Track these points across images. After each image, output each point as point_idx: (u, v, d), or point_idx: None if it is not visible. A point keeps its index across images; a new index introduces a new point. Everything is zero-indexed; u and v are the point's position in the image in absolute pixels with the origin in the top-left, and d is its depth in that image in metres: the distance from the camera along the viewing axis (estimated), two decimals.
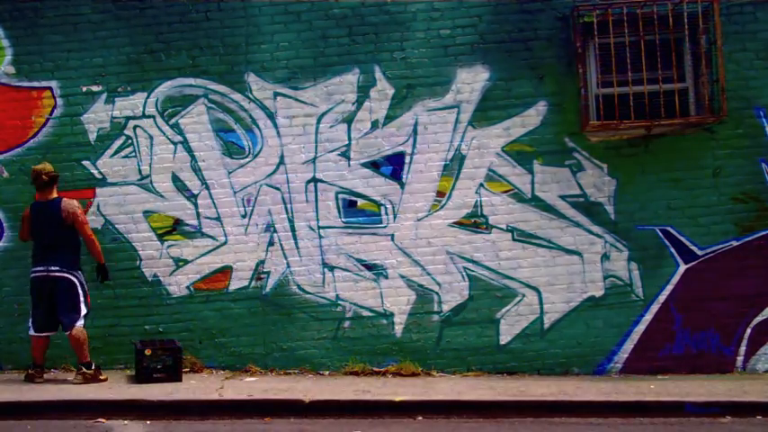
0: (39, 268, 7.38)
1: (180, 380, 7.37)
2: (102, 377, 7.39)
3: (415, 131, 8.07)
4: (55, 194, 7.50)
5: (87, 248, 7.52)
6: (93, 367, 7.38)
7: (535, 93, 8.03)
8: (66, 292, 7.33)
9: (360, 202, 8.09)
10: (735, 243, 7.91)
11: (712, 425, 6.48)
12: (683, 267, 7.94)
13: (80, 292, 7.38)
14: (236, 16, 8.18)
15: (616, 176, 7.98)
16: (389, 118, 8.09)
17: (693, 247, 7.92)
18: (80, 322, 7.35)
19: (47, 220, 7.40)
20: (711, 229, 7.93)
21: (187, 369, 7.79)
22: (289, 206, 8.10)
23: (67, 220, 7.36)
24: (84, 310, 7.39)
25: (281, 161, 8.11)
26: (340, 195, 8.10)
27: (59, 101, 8.21)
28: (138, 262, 8.12)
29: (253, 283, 8.08)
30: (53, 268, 7.32)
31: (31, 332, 7.45)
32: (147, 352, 7.36)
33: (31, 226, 7.52)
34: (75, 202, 7.52)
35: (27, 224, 7.57)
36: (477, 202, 8.03)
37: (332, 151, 8.11)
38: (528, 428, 6.40)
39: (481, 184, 8.04)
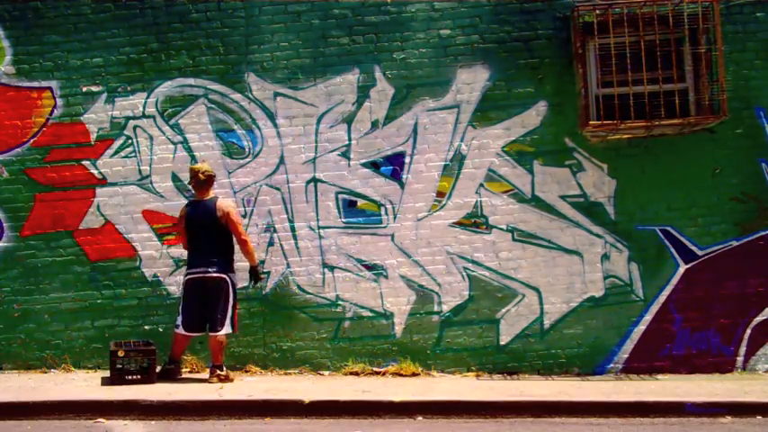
0: (196, 270, 7.36)
1: (153, 381, 7.23)
2: (231, 377, 7.38)
3: (414, 132, 8.07)
4: (211, 194, 7.51)
5: (240, 250, 7.46)
6: (225, 369, 7.38)
7: (535, 93, 8.03)
8: (221, 295, 7.32)
9: (360, 202, 8.09)
10: (735, 243, 7.91)
11: (712, 425, 6.48)
12: (683, 267, 7.94)
13: (231, 295, 7.37)
14: (236, 16, 8.18)
15: (616, 177, 7.98)
16: (389, 118, 8.09)
17: (693, 248, 7.93)
18: (227, 328, 7.35)
19: (202, 220, 7.39)
20: (711, 230, 7.93)
21: (188, 369, 7.81)
22: (289, 206, 8.10)
23: (222, 219, 7.36)
24: (230, 314, 7.35)
25: (281, 161, 8.11)
26: (340, 195, 8.09)
27: (59, 101, 8.21)
28: (138, 262, 8.13)
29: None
30: (211, 270, 7.31)
31: (180, 330, 7.41)
32: (121, 353, 7.25)
33: (186, 225, 7.49)
34: (230, 201, 7.59)
35: (182, 223, 7.54)
36: (477, 202, 8.03)
37: (332, 151, 8.11)
38: (528, 428, 6.40)
39: (481, 185, 8.04)
